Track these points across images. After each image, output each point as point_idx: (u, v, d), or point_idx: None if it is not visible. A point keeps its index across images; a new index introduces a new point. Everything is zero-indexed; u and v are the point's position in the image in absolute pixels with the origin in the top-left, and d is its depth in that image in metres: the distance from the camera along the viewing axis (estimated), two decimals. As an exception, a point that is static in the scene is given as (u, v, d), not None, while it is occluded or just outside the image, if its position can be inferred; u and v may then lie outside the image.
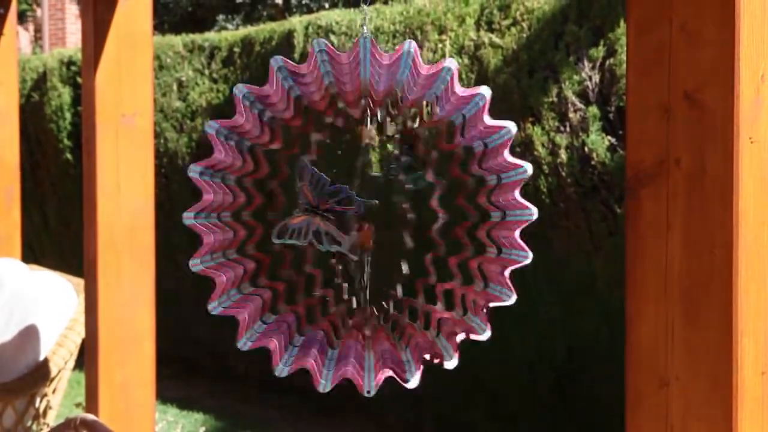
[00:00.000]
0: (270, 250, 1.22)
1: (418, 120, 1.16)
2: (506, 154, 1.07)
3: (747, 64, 1.25)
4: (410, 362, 1.13)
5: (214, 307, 1.18)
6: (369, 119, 1.18)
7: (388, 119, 1.17)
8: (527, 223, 1.06)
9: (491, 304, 1.07)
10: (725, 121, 1.25)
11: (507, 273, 1.06)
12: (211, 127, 1.14)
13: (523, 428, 4.16)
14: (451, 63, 1.09)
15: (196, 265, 1.18)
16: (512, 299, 1.08)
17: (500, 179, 1.08)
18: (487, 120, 1.08)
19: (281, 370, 1.18)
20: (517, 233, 1.06)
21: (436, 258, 1.18)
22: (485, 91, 1.09)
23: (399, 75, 1.10)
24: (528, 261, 1.07)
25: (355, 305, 1.20)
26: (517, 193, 1.07)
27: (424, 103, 1.13)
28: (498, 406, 4.23)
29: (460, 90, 1.10)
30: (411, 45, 1.10)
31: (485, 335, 1.10)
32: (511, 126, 1.08)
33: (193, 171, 1.15)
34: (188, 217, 1.17)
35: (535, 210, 1.07)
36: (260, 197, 1.20)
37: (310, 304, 1.21)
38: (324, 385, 1.18)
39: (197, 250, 1.19)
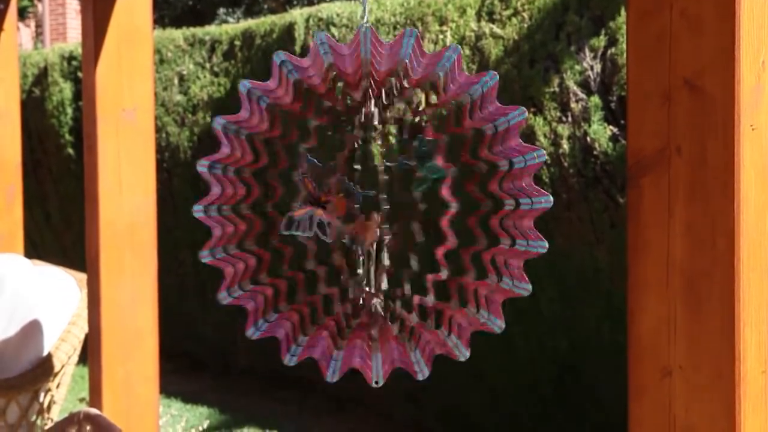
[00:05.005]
0: (270, 246, 1.21)
1: (423, 103, 1.13)
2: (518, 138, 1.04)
3: (747, 50, 1.24)
4: (420, 362, 1.11)
5: (224, 297, 1.16)
6: (372, 102, 1.14)
7: (394, 100, 1.15)
8: (542, 212, 1.02)
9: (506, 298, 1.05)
10: (726, 108, 1.24)
11: (521, 264, 1.03)
12: (219, 123, 1.13)
13: (525, 422, 4.16)
14: (455, 47, 1.07)
15: (205, 256, 1.16)
16: (528, 291, 1.04)
17: (512, 164, 1.04)
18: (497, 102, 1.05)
19: (289, 359, 1.16)
20: (530, 222, 1.02)
21: (448, 251, 1.15)
22: (492, 75, 1.07)
23: (401, 53, 1.07)
24: (543, 251, 1.03)
25: (361, 302, 1.17)
26: (530, 180, 1.03)
27: (428, 86, 1.10)
28: (500, 400, 4.22)
29: (464, 75, 1.07)
30: (413, 30, 1.09)
31: (498, 329, 1.08)
32: (522, 108, 1.05)
33: (202, 165, 1.14)
34: (198, 210, 1.16)
35: (550, 197, 1.03)
36: (258, 189, 1.19)
37: (313, 302, 1.19)
38: (332, 374, 1.14)
39: (206, 242, 1.17)
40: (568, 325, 3.88)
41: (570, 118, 3.67)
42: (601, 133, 3.57)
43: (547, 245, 1.02)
